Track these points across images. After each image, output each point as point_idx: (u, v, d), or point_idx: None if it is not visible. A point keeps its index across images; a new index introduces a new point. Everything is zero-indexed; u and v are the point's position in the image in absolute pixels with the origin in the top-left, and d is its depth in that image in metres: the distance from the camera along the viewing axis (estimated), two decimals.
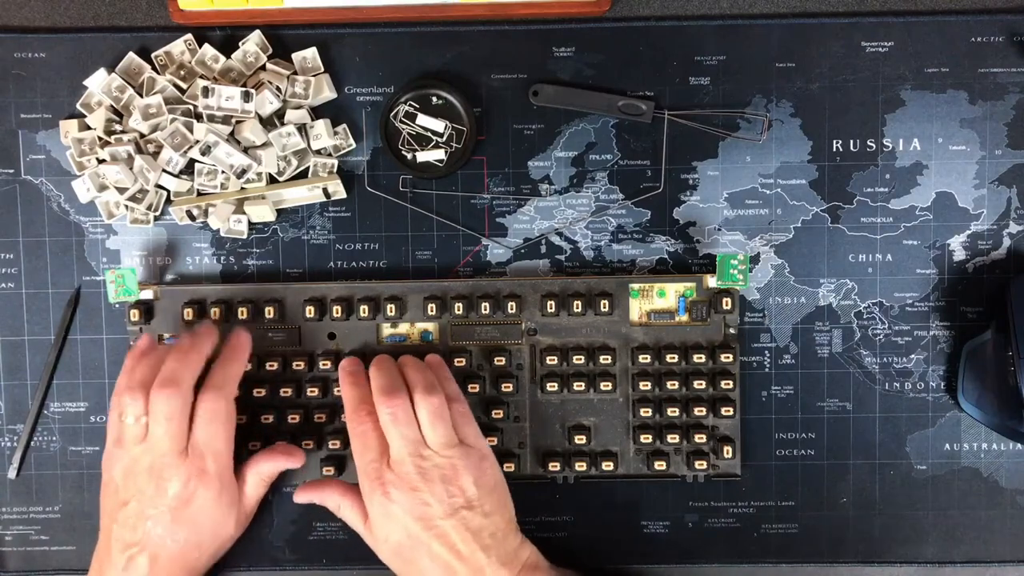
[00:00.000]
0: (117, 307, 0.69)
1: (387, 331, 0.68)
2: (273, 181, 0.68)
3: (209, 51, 0.66)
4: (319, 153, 0.68)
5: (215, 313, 0.66)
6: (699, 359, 0.66)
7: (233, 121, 0.66)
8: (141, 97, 0.66)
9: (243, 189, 0.67)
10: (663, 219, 0.69)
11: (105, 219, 0.68)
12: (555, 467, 0.67)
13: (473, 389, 0.67)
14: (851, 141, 0.68)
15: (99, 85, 0.66)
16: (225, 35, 0.68)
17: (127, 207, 0.67)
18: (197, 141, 0.65)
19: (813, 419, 0.69)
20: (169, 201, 0.68)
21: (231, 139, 0.66)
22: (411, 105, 0.68)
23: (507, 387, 0.67)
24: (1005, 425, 0.66)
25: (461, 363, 0.67)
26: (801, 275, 0.68)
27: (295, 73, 0.67)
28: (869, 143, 0.68)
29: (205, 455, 0.61)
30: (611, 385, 0.67)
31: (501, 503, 0.62)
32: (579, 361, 0.67)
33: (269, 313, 0.66)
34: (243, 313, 0.66)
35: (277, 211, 0.68)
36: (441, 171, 0.68)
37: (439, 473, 0.60)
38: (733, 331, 0.67)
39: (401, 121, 0.68)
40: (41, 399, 0.69)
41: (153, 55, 0.67)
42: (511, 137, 0.68)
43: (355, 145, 0.68)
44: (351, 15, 0.67)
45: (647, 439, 0.67)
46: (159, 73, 0.67)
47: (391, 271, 0.69)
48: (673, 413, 0.66)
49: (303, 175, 0.68)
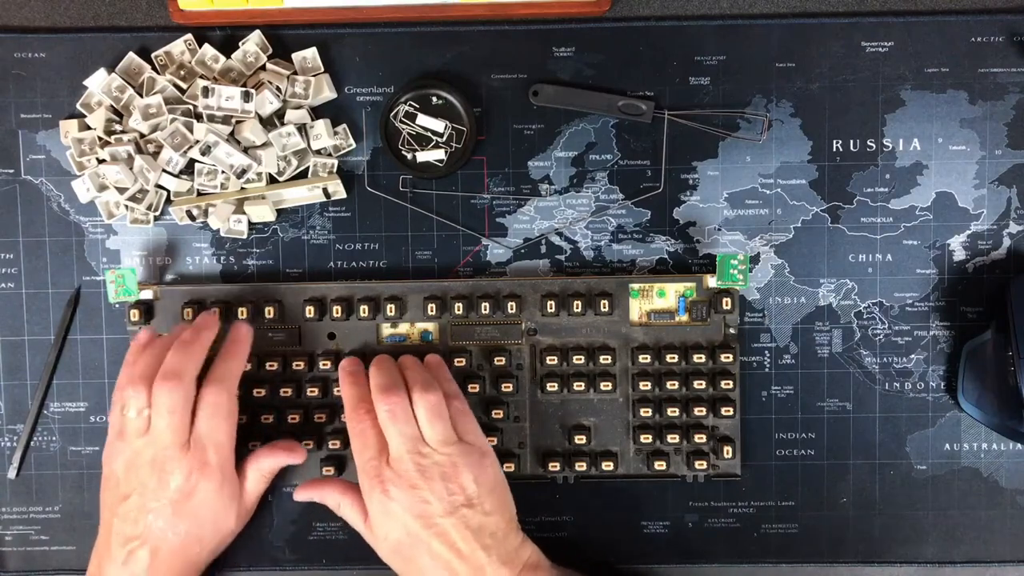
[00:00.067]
0: (117, 307, 0.69)
1: (387, 331, 0.68)
2: (273, 181, 0.68)
3: (209, 51, 0.66)
4: (319, 153, 0.68)
5: (215, 314, 0.66)
6: (699, 359, 0.66)
7: (233, 121, 0.66)
8: (141, 97, 0.66)
9: (243, 189, 0.67)
10: (663, 219, 0.69)
11: (105, 219, 0.68)
12: (555, 467, 0.67)
13: (473, 389, 0.67)
14: (851, 141, 0.68)
15: (99, 85, 0.66)
16: (225, 35, 0.68)
17: (127, 207, 0.67)
18: (197, 141, 0.65)
19: (813, 419, 0.69)
20: (169, 201, 0.68)
21: (231, 139, 0.66)
22: (411, 105, 0.68)
23: (507, 387, 0.67)
24: (1005, 425, 0.66)
25: (461, 363, 0.67)
26: (801, 275, 0.68)
27: (295, 73, 0.67)
28: (869, 143, 0.68)
29: (207, 448, 0.61)
30: (611, 385, 0.67)
31: (502, 502, 0.62)
32: (579, 361, 0.67)
33: (269, 313, 0.66)
34: (243, 313, 0.66)
35: (277, 211, 0.68)
36: (441, 171, 0.68)
37: (438, 471, 0.60)
38: (733, 331, 0.67)
39: (401, 121, 0.68)
40: (41, 399, 0.69)
41: (153, 55, 0.67)
42: (511, 137, 0.68)
43: (355, 145, 0.68)
44: (351, 15, 0.67)
45: (647, 439, 0.67)
46: (159, 73, 0.67)
47: (391, 271, 0.69)
48: (673, 413, 0.66)
49: (303, 175, 0.68)
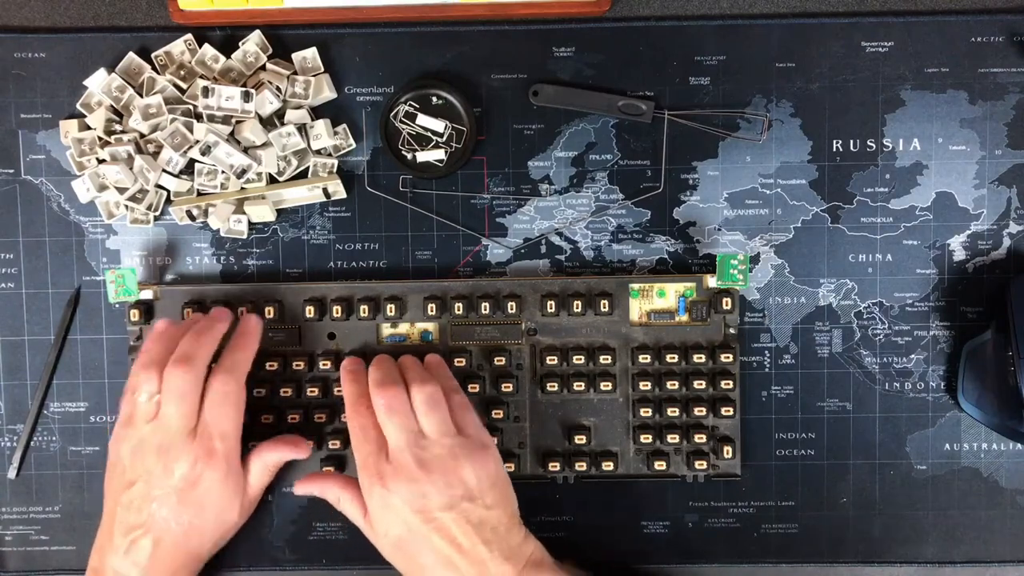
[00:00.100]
0: (117, 307, 0.69)
1: (387, 331, 0.68)
2: (273, 181, 0.68)
3: (209, 51, 0.66)
4: (319, 153, 0.68)
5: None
6: (699, 359, 0.66)
7: (233, 121, 0.66)
8: (141, 97, 0.66)
9: (243, 189, 0.67)
10: (663, 219, 0.69)
11: (105, 219, 0.68)
12: (555, 467, 0.67)
13: (473, 389, 0.67)
14: (851, 141, 0.68)
15: (99, 85, 0.66)
16: (225, 35, 0.68)
17: (127, 207, 0.67)
18: (197, 141, 0.65)
19: (813, 419, 0.69)
20: (169, 201, 0.68)
21: (231, 139, 0.66)
22: (411, 105, 0.68)
23: (507, 387, 0.67)
24: (1005, 425, 0.66)
25: (461, 363, 0.67)
26: (801, 275, 0.68)
27: (295, 73, 0.67)
28: (869, 143, 0.68)
29: (213, 436, 0.61)
30: (611, 385, 0.67)
31: (503, 496, 0.61)
32: (579, 361, 0.67)
33: (269, 313, 0.66)
34: (243, 313, 0.66)
35: (277, 211, 0.68)
36: (441, 171, 0.68)
37: (438, 463, 0.59)
38: (733, 331, 0.67)
39: (401, 121, 0.68)
40: (41, 399, 0.69)
41: (153, 55, 0.67)
42: (511, 137, 0.68)
43: (355, 145, 0.68)
44: (351, 15, 0.67)
45: (647, 439, 0.67)
46: (159, 73, 0.67)
47: (391, 271, 0.69)
48: (673, 413, 0.66)
49: (303, 175, 0.68)
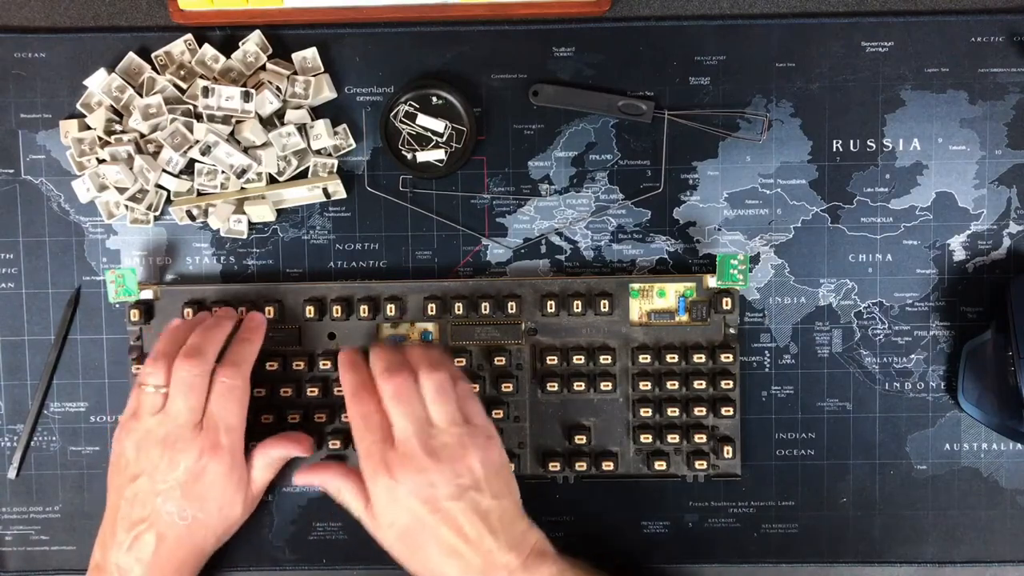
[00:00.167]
0: (117, 307, 0.69)
1: (387, 331, 0.68)
2: (273, 181, 0.68)
3: (209, 51, 0.66)
4: (319, 153, 0.68)
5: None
6: (699, 359, 0.66)
7: (233, 121, 0.66)
8: (141, 97, 0.66)
9: (243, 189, 0.67)
10: (663, 219, 0.69)
11: (105, 219, 0.68)
12: (555, 467, 0.67)
13: (473, 389, 0.67)
14: (851, 141, 0.68)
15: (99, 85, 0.66)
16: (225, 35, 0.68)
17: (127, 207, 0.67)
18: (197, 141, 0.65)
19: (813, 419, 0.69)
20: (169, 201, 0.68)
21: (231, 139, 0.66)
22: (411, 105, 0.68)
23: (507, 387, 0.67)
24: (1005, 425, 0.66)
25: (461, 363, 0.67)
26: (801, 275, 0.68)
27: (295, 73, 0.67)
28: (869, 143, 0.68)
29: (219, 428, 0.61)
30: (611, 385, 0.67)
31: (508, 486, 0.61)
32: (579, 361, 0.67)
33: (269, 313, 0.66)
34: (243, 314, 0.66)
35: (277, 211, 0.68)
36: (441, 171, 0.68)
37: (446, 452, 0.58)
38: (733, 331, 0.67)
39: (401, 121, 0.68)
40: (41, 399, 0.69)
41: (153, 55, 0.67)
42: (511, 137, 0.68)
43: (355, 145, 0.68)
44: (351, 15, 0.67)
45: (647, 439, 0.67)
46: (159, 73, 0.67)
47: (391, 271, 0.69)
48: (673, 413, 0.66)
49: (303, 175, 0.68)
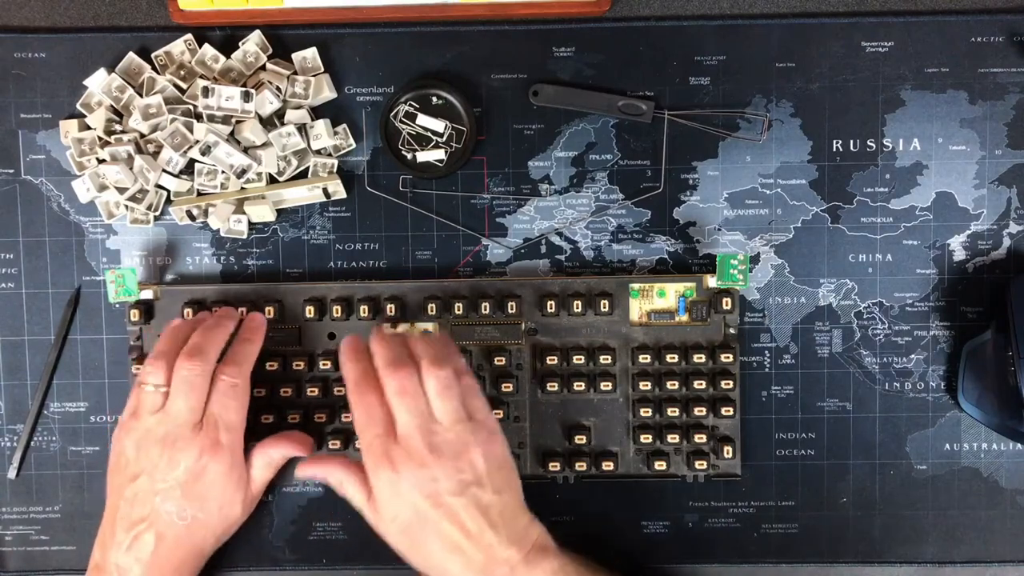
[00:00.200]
0: (117, 307, 0.69)
1: (387, 331, 0.67)
2: (273, 181, 0.68)
3: (209, 51, 0.66)
4: (319, 153, 0.68)
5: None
6: (699, 359, 0.66)
7: (233, 121, 0.66)
8: (141, 97, 0.66)
9: (243, 189, 0.67)
10: (663, 219, 0.69)
11: (105, 219, 0.68)
12: (555, 467, 0.67)
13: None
14: (851, 141, 0.68)
15: (99, 85, 0.66)
16: (225, 35, 0.68)
17: (127, 207, 0.67)
18: (197, 141, 0.65)
19: (813, 419, 0.69)
20: (169, 201, 0.68)
21: (231, 139, 0.66)
22: (411, 105, 0.68)
23: (507, 387, 0.67)
24: (1005, 425, 0.66)
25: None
26: (801, 275, 0.68)
27: (295, 73, 0.67)
28: (869, 143, 0.68)
29: (220, 427, 0.62)
30: (611, 385, 0.67)
31: (510, 481, 0.60)
32: (579, 361, 0.67)
33: (269, 313, 0.66)
34: (243, 314, 0.66)
35: (277, 211, 0.68)
36: (441, 171, 0.68)
37: (449, 448, 0.58)
38: (733, 331, 0.67)
39: (401, 121, 0.68)
40: (41, 399, 0.69)
41: (153, 55, 0.67)
42: (511, 137, 0.68)
43: (355, 145, 0.68)
44: (351, 15, 0.67)
45: (647, 439, 0.67)
46: (159, 73, 0.67)
47: (391, 271, 0.69)
48: (673, 413, 0.66)
49: (303, 175, 0.68)
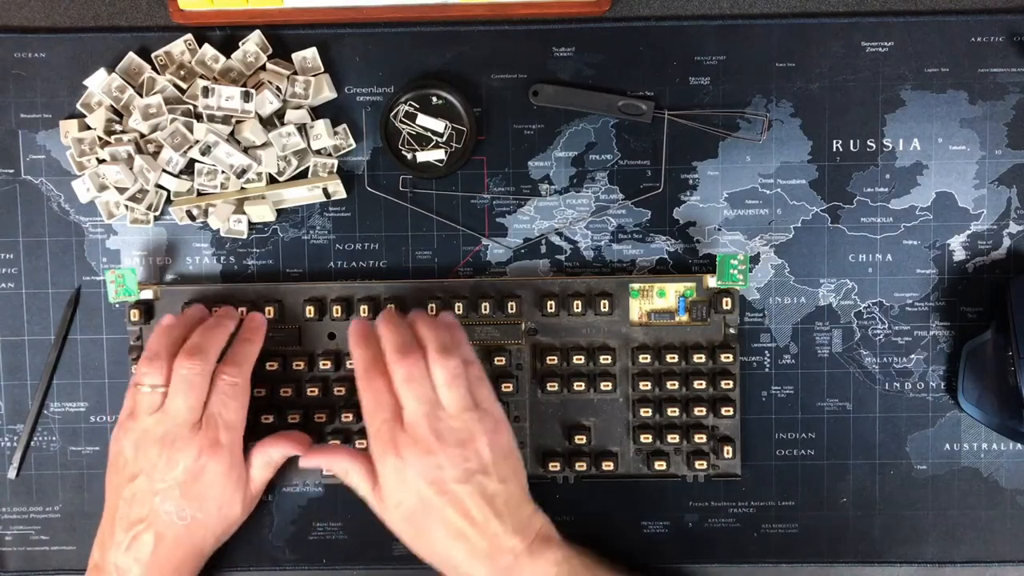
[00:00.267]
0: (117, 307, 0.69)
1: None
2: (273, 181, 0.68)
3: (209, 51, 0.66)
4: (319, 153, 0.68)
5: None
6: (699, 359, 0.66)
7: (233, 121, 0.66)
8: (141, 97, 0.66)
9: (243, 189, 0.67)
10: (663, 219, 0.69)
11: (105, 219, 0.68)
12: (555, 467, 0.67)
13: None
14: (851, 141, 0.68)
15: (99, 85, 0.66)
16: (225, 35, 0.68)
17: (127, 207, 0.67)
18: (197, 141, 0.65)
19: (813, 419, 0.69)
20: (169, 201, 0.68)
21: (231, 139, 0.66)
22: (411, 105, 0.68)
23: (507, 387, 0.67)
24: (1005, 425, 0.66)
25: None
26: (801, 275, 0.68)
27: (295, 73, 0.67)
28: (869, 143, 0.68)
29: (219, 427, 0.61)
30: (611, 385, 0.67)
31: (515, 470, 0.61)
32: (579, 361, 0.67)
33: (269, 313, 0.66)
34: (243, 314, 0.66)
35: (277, 211, 0.68)
36: (441, 171, 0.68)
37: (454, 436, 0.58)
38: (733, 331, 0.67)
39: (401, 121, 0.68)
40: (41, 399, 0.69)
41: (153, 55, 0.67)
42: (511, 137, 0.68)
43: (355, 145, 0.68)
44: (351, 15, 0.67)
45: (647, 439, 0.67)
46: (159, 73, 0.67)
47: (391, 271, 0.69)
48: (673, 413, 0.66)
49: (303, 175, 0.68)
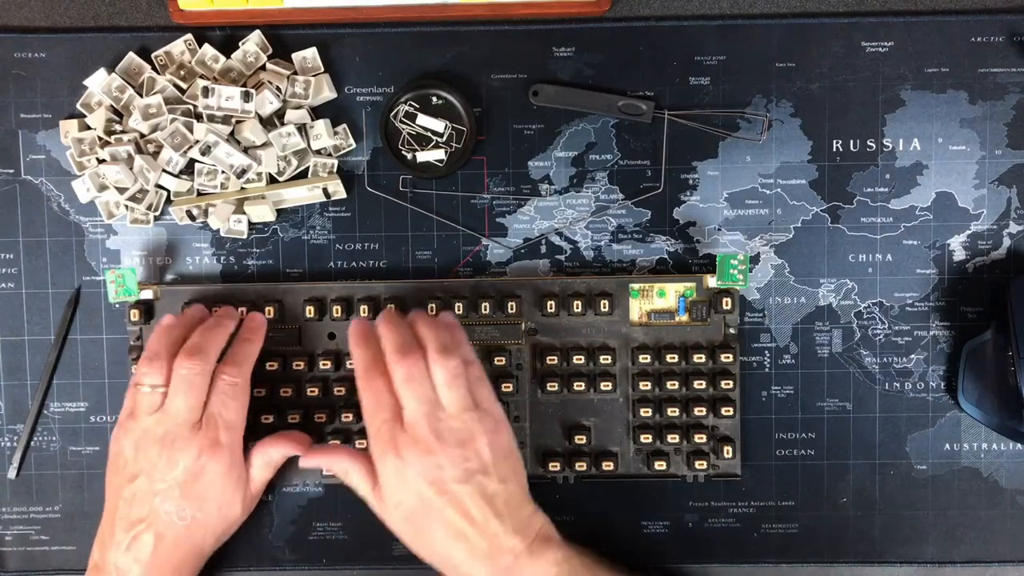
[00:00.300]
0: (117, 307, 0.69)
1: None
2: (273, 181, 0.68)
3: (209, 51, 0.66)
4: (319, 153, 0.68)
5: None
6: (699, 359, 0.66)
7: (233, 121, 0.66)
8: (141, 97, 0.66)
9: (243, 189, 0.67)
10: (663, 219, 0.69)
11: (105, 219, 0.68)
12: (555, 467, 0.67)
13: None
14: (851, 141, 0.68)
15: (99, 85, 0.66)
16: (225, 35, 0.68)
17: (127, 207, 0.67)
18: (197, 141, 0.65)
19: (813, 419, 0.69)
20: (169, 201, 0.68)
21: (231, 139, 0.66)
22: (411, 105, 0.68)
23: (507, 387, 0.67)
24: (1005, 425, 0.66)
25: None
26: (801, 275, 0.68)
27: (295, 73, 0.67)
28: (869, 143, 0.68)
29: (219, 427, 0.61)
30: (611, 385, 0.67)
31: (515, 470, 0.61)
32: (579, 361, 0.67)
33: (269, 313, 0.66)
34: (243, 314, 0.66)
35: (277, 211, 0.68)
36: (441, 171, 0.68)
37: (454, 436, 0.58)
38: (733, 331, 0.67)
39: (401, 121, 0.68)
40: (41, 399, 0.69)
41: (153, 55, 0.67)
42: (511, 137, 0.68)
43: (355, 145, 0.68)
44: (351, 15, 0.67)
45: (647, 439, 0.67)
46: (159, 73, 0.67)
47: (391, 271, 0.69)
48: (673, 413, 0.66)
49: (303, 175, 0.68)
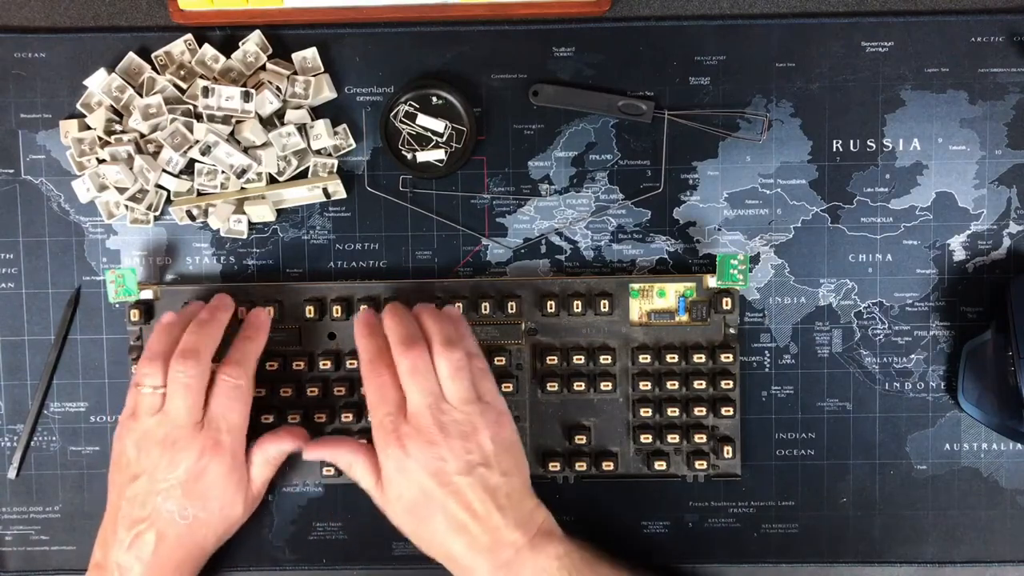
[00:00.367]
0: (117, 307, 0.69)
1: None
2: (273, 181, 0.68)
3: (209, 51, 0.66)
4: (319, 153, 0.68)
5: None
6: (699, 359, 0.66)
7: (233, 121, 0.66)
8: (141, 97, 0.66)
9: (243, 189, 0.67)
10: (663, 219, 0.69)
11: (105, 219, 0.68)
12: (555, 467, 0.67)
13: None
14: (851, 141, 0.68)
15: (99, 85, 0.66)
16: (225, 35, 0.68)
17: (127, 207, 0.67)
18: (197, 141, 0.65)
19: (813, 419, 0.69)
20: (169, 201, 0.68)
21: (231, 139, 0.66)
22: (411, 105, 0.68)
23: (507, 387, 0.66)
24: (1005, 425, 0.66)
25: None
26: (801, 275, 0.68)
27: (295, 73, 0.67)
28: (869, 143, 0.68)
29: (220, 427, 0.61)
30: (611, 385, 0.67)
31: (517, 463, 0.61)
32: (579, 361, 0.67)
33: (269, 313, 0.66)
34: (243, 313, 0.66)
35: (277, 211, 0.68)
36: (441, 171, 0.68)
37: (457, 428, 0.59)
38: (733, 331, 0.67)
39: (401, 121, 0.68)
40: (41, 399, 0.69)
41: (153, 55, 0.67)
42: (511, 137, 0.68)
43: (355, 145, 0.68)
44: (351, 15, 0.67)
45: (647, 439, 0.67)
46: (159, 73, 0.67)
47: (391, 271, 0.69)
48: (673, 413, 0.66)
49: (303, 175, 0.68)
